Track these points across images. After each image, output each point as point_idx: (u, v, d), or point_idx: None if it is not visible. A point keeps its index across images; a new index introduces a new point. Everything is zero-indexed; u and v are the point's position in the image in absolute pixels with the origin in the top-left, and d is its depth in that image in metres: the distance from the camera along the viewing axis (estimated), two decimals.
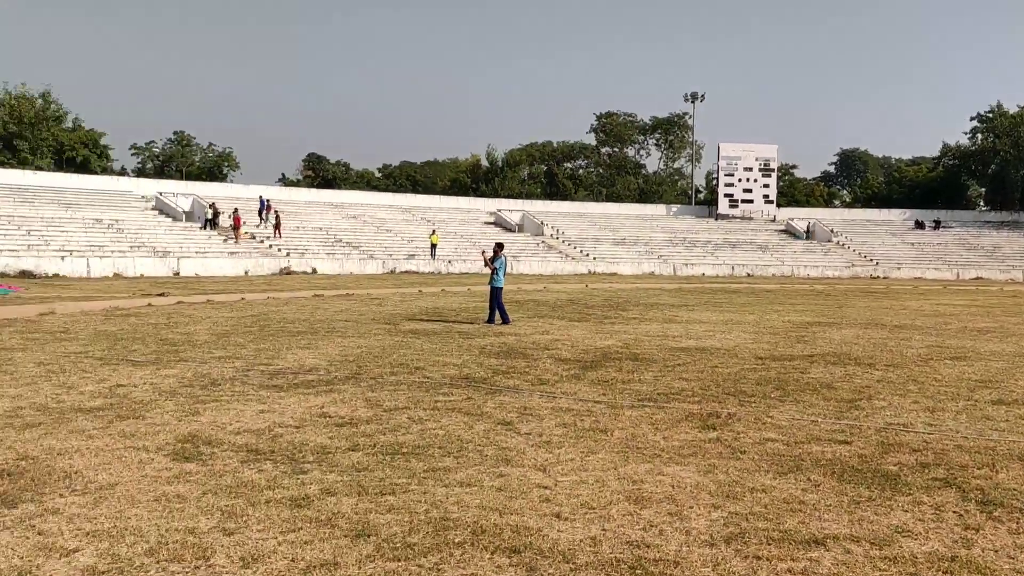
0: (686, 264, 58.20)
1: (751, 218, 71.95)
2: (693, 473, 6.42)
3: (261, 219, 49.89)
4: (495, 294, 17.99)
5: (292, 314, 19.51)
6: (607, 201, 79.88)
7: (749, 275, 56.47)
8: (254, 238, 47.91)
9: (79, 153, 68.81)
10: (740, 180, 72.07)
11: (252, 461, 6.58)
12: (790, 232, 69.61)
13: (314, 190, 66.49)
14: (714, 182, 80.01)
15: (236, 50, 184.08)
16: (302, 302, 23.65)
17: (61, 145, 68.11)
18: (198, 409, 8.49)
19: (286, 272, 43.66)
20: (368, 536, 4.93)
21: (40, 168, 59.44)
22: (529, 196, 78.82)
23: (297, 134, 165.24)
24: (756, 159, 72.23)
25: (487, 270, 18.54)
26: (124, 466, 6.37)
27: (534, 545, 4.83)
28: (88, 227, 43.20)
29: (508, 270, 25.66)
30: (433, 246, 50.80)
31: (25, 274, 34.82)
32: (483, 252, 20.57)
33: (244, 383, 10.10)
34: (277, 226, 48.53)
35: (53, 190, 48.07)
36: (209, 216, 48.09)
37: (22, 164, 61.16)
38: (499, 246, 18.75)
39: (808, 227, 69.10)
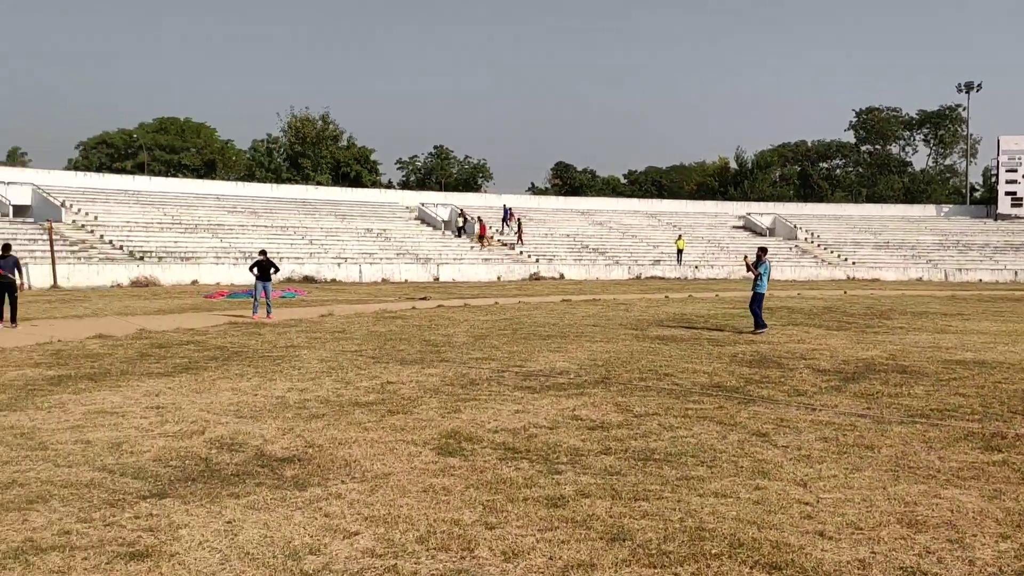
0: (959, 269, 53.13)
1: None
2: (975, 498, 5.83)
3: (504, 226, 51.74)
4: (756, 300, 17.39)
5: (542, 318, 20.04)
6: (867, 202, 74.81)
7: None
8: (504, 244, 49.81)
9: (352, 169, 75.12)
10: None
11: (509, 459, 6.82)
12: None
13: (561, 198, 67.99)
14: (993, 179, 72.38)
15: (489, 67, 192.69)
16: (551, 307, 24.22)
17: (337, 162, 74.75)
18: (459, 407, 8.95)
19: (535, 278, 44.95)
20: (623, 540, 4.94)
21: (320, 183, 65.53)
22: (780, 198, 75.58)
23: (546, 144, 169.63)
24: None
25: (749, 275, 17.92)
26: (396, 458, 6.85)
27: (796, 563, 4.61)
28: (360, 236, 46.99)
29: None
30: (679, 251, 50.16)
31: (307, 279, 38.49)
32: (745, 257, 19.82)
33: (500, 383, 10.51)
34: (519, 233, 50.23)
35: (331, 203, 52.80)
36: (460, 224, 50.76)
37: (305, 180, 67.82)
38: (762, 250, 17.96)
39: None
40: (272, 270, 19.86)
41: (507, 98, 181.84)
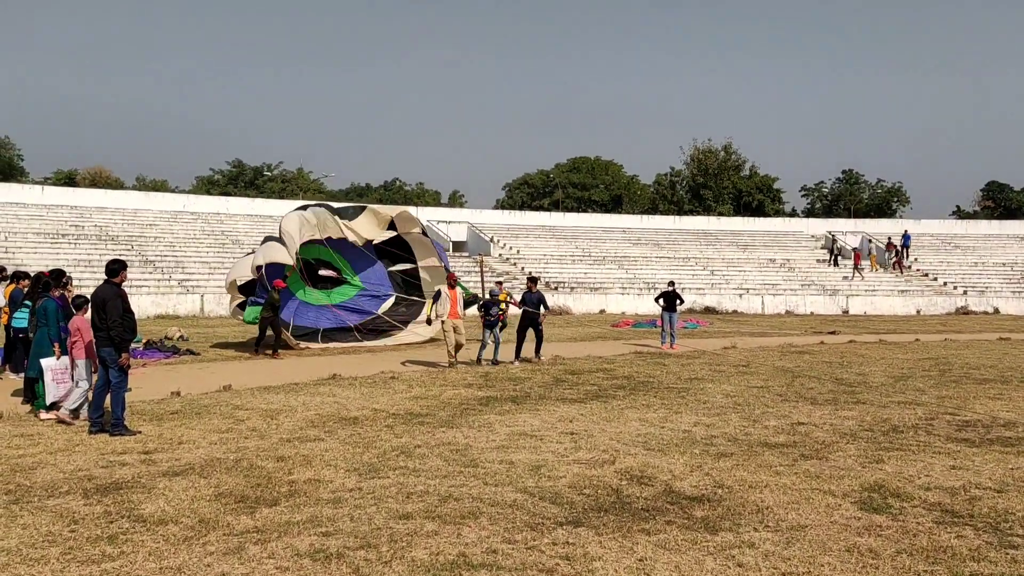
0: None
1: None
2: None
3: (901, 255, 46.89)
4: None
5: (975, 359, 17.64)
6: None
7: None
8: (909, 269, 45.15)
9: (754, 198, 73.75)
10: None
11: (948, 524, 5.93)
12: None
13: (995, 222, 60.01)
14: None
15: (901, 81, 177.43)
16: (985, 346, 21.29)
17: (739, 191, 73.92)
18: (881, 456, 8.08)
19: (963, 312, 40.15)
20: None
21: (722, 214, 65.32)
22: None
23: (974, 162, 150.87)
24: None
25: None
26: (812, 508, 6.31)
27: None
28: (762, 267, 45.79)
29: None
30: None
31: (708, 310, 38.35)
32: None
33: (928, 433, 9.34)
34: (899, 259, 45.82)
35: (731, 233, 52.23)
36: (835, 252, 47.41)
37: (707, 211, 68.03)
38: None
39: None
40: (678, 301, 20.03)
41: (924, 114, 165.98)
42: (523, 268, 41.60)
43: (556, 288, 38.78)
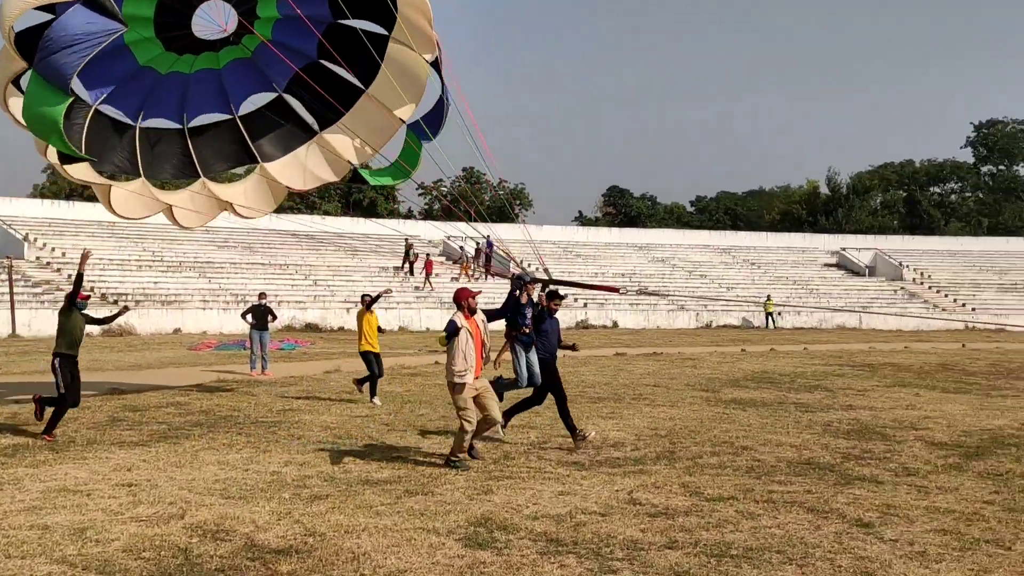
0: None
1: None
2: None
3: (475, 263, 51.00)
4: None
5: (591, 376, 19.93)
6: (990, 234, 73.99)
7: None
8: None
9: (366, 195, 75.97)
10: None
11: (552, 553, 6.72)
12: None
13: (615, 229, 68.15)
14: None
15: (527, 77, 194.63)
16: (602, 362, 24.11)
17: (349, 187, 75.68)
18: (491, 487, 8.87)
19: (583, 326, 44.91)
20: None
21: (328, 212, 66.37)
22: (883, 230, 75.10)
23: (597, 167, 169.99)
24: None
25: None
26: (413, 550, 6.78)
27: None
28: (374, 275, 47.42)
29: (856, 324, 23.97)
30: (768, 314, 47.90)
31: (310, 327, 38.81)
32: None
33: (540, 458, 10.43)
34: (487, 268, 50.05)
35: (338, 236, 53.33)
36: (411, 258, 49.78)
37: (311, 209, 68.64)
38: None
39: None
40: (270, 317, 19.99)
41: (550, 113, 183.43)
42: (69, 275, 38.79)
43: (115, 302, 36.69)
